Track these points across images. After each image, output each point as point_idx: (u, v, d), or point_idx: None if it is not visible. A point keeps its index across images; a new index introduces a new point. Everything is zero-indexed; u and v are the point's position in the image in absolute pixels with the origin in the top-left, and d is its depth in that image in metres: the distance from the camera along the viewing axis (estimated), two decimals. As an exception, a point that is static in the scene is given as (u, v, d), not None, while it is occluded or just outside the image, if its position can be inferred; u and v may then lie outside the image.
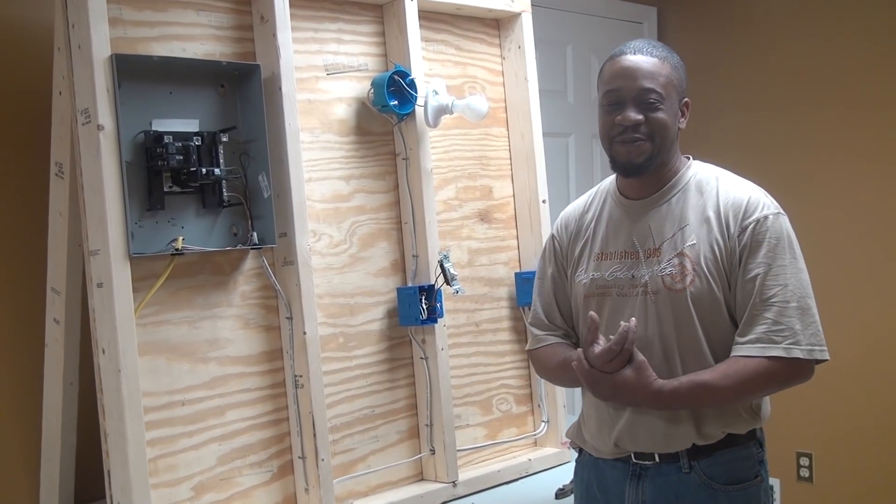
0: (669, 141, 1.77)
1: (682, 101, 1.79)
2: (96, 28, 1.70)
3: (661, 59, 1.75)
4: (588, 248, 1.88)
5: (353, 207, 2.15)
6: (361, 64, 2.19)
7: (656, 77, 1.73)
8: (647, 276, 1.76)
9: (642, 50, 1.75)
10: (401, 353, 2.22)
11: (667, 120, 1.74)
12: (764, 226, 1.70)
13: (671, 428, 1.74)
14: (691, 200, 1.77)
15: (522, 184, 2.48)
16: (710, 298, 1.71)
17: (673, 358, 1.73)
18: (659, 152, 1.75)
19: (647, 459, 1.78)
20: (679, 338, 1.72)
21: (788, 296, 1.67)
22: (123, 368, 1.70)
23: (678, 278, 1.72)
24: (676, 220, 1.76)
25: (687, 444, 1.74)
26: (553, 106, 3.40)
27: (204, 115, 1.90)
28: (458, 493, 2.19)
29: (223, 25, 1.95)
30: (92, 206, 1.73)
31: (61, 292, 1.96)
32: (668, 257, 1.74)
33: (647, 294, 1.75)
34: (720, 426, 1.73)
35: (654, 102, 1.73)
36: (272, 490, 1.97)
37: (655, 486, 1.77)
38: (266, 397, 1.97)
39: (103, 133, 1.70)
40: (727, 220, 1.73)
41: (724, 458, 1.75)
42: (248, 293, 1.96)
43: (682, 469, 1.75)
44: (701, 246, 1.72)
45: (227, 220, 1.93)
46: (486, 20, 2.46)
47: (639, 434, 1.77)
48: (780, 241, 1.70)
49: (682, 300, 1.71)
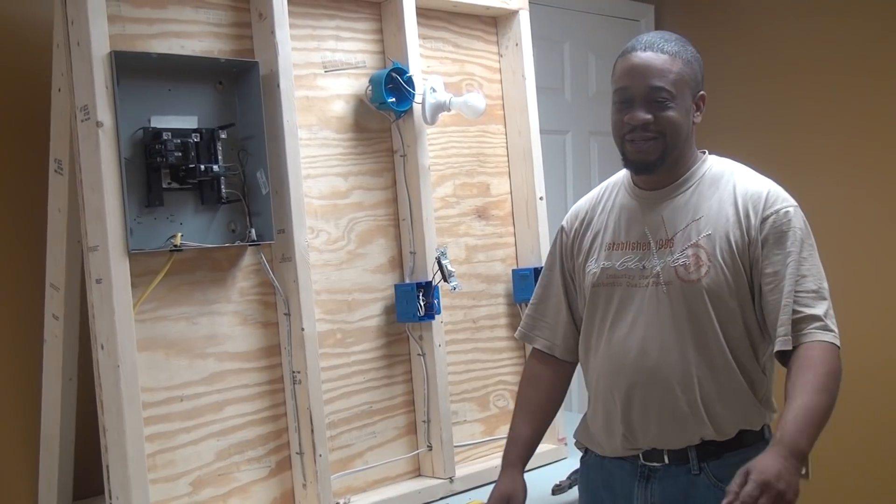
0: (682, 137, 1.75)
1: (698, 94, 1.77)
2: (95, 25, 1.70)
3: (672, 56, 1.72)
4: (600, 238, 1.87)
5: (351, 204, 2.16)
6: (359, 61, 2.20)
7: (666, 75, 1.71)
8: (658, 266, 1.75)
9: (653, 46, 1.73)
10: (398, 349, 2.22)
11: (677, 118, 1.72)
12: (787, 216, 1.70)
13: (681, 423, 1.73)
14: (706, 193, 1.76)
15: (520, 181, 2.48)
16: (726, 289, 1.71)
17: (686, 349, 1.72)
18: (671, 150, 1.74)
19: (655, 460, 1.77)
20: (692, 329, 1.72)
21: (811, 286, 1.68)
22: (122, 364, 1.70)
23: (692, 269, 1.71)
24: (690, 211, 1.76)
25: (695, 440, 1.73)
26: (550, 103, 3.40)
27: (202, 111, 1.90)
28: (455, 488, 2.20)
29: (221, 22, 1.95)
30: (91, 203, 1.74)
31: (60, 288, 1.96)
32: (681, 248, 1.74)
33: (658, 285, 1.75)
34: (732, 422, 1.73)
35: (664, 101, 1.71)
36: (270, 485, 1.98)
37: (664, 488, 1.77)
38: (264, 393, 1.98)
39: (102, 129, 1.70)
40: (746, 212, 1.72)
41: (734, 459, 1.71)
42: (246, 289, 1.96)
43: (692, 470, 1.74)
44: (717, 237, 1.72)
45: (225, 216, 1.93)
46: (483, 17, 2.47)
47: (651, 428, 1.76)
48: (802, 231, 1.71)
49: (696, 291, 1.71)
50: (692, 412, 1.72)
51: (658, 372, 1.74)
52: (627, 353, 1.77)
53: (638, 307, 1.77)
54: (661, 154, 1.73)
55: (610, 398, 1.81)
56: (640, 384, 1.76)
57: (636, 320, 1.77)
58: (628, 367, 1.77)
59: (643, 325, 1.76)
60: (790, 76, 3.57)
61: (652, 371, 1.74)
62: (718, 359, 1.72)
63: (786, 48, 3.59)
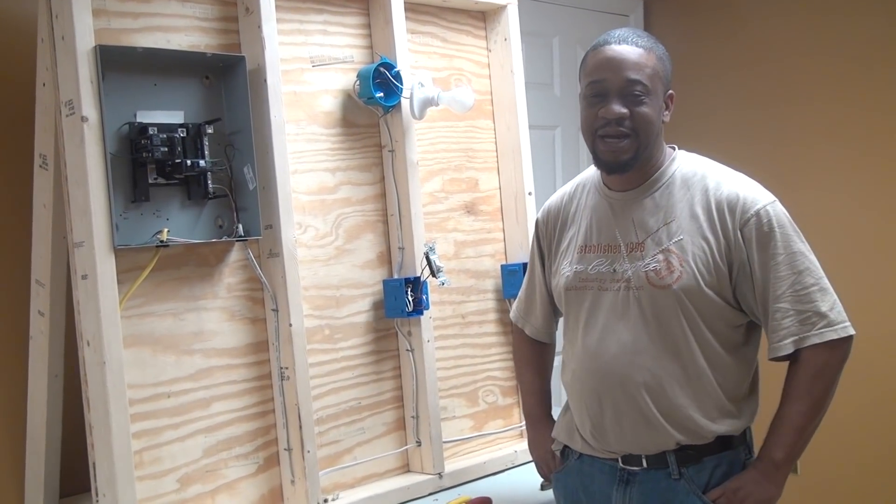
0: (654, 136, 1.72)
1: (668, 93, 1.75)
2: (80, 19, 1.69)
3: (647, 50, 1.70)
4: (574, 240, 1.86)
5: (339, 199, 2.15)
6: (347, 56, 2.19)
7: (642, 68, 1.68)
8: (630, 271, 1.73)
9: (627, 39, 1.70)
10: (387, 344, 2.22)
11: (651, 114, 1.69)
12: (767, 216, 1.68)
13: (653, 429, 1.71)
14: (677, 194, 1.74)
15: (508, 176, 2.48)
16: (700, 295, 1.68)
17: (656, 355, 1.70)
18: (643, 149, 1.71)
19: (634, 465, 1.76)
20: (662, 334, 1.70)
21: (809, 280, 1.67)
22: (108, 360, 1.69)
23: (664, 274, 1.69)
24: (661, 214, 1.73)
25: (671, 445, 1.71)
26: (539, 98, 3.40)
27: (189, 106, 1.89)
28: (443, 484, 2.20)
29: (208, 17, 1.94)
30: (76, 198, 1.72)
31: (46, 284, 1.95)
32: (652, 253, 1.72)
33: (629, 289, 1.73)
34: (709, 427, 1.70)
35: (640, 95, 1.68)
36: (258, 482, 1.98)
37: (644, 493, 1.75)
38: (252, 389, 1.97)
39: (87, 124, 1.69)
40: (722, 216, 1.69)
41: (714, 463, 1.72)
42: (233, 285, 1.95)
43: (672, 475, 1.73)
44: (689, 242, 1.69)
45: (212, 211, 1.92)
46: (472, 12, 2.46)
47: (625, 434, 1.75)
48: (785, 227, 1.69)
49: (667, 296, 1.69)
50: (664, 418, 1.70)
51: (628, 378, 1.72)
52: (598, 358, 1.75)
53: (609, 311, 1.75)
54: (635, 153, 1.71)
55: (583, 402, 1.80)
56: (611, 390, 1.74)
57: (607, 325, 1.75)
58: (598, 372, 1.75)
59: (613, 329, 1.74)
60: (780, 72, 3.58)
61: (622, 377, 1.72)
62: (690, 365, 1.70)
63: (776, 44, 3.59)
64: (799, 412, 1.68)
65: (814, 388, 1.67)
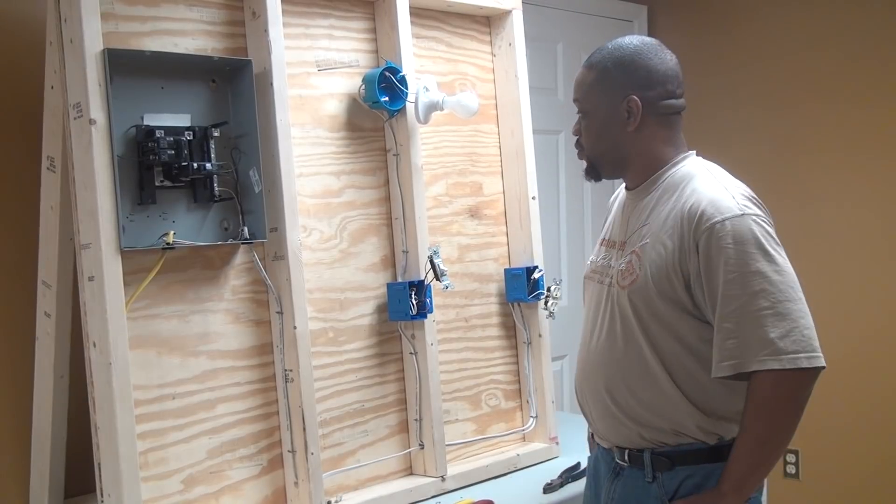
0: (609, 145, 1.78)
1: (625, 99, 1.72)
2: (88, 22, 1.70)
3: (589, 67, 1.80)
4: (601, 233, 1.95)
5: (344, 203, 2.16)
6: (352, 60, 2.20)
7: (580, 86, 1.81)
8: (615, 267, 1.78)
9: (587, 59, 1.82)
10: (390, 348, 2.23)
11: (592, 128, 1.79)
12: (721, 232, 1.58)
13: (617, 426, 1.74)
14: (664, 198, 1.72)
15: (512, 180, 2.49)
16: (649, 301, 1.66)
17: (618, 355, 1.72)
18: (597, 161, 1.81)
19: (620, 459, 1.77)
20: (625, 336, 1.71)
21: (762, 303, 1.54)
22: (114, 362, 1.70)
23: (626, 276, 1.72)
24: (644, 216, 1.74)
25: (639, 443, 1.72)
26: (543, 103, 3.41)
27: (195, 109, 1.90)
28: (446, 487, 2.21)
29: (215, 21, 1.95)
30: (83, 200, 1.74)
31: (52, 286, 1.96)
32: (627, 252, 1.75)
33: (611, 286, 1.77)
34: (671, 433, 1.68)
35: (580, 114, 1.82)
36: (262, 483, 1.98)
37: (624, 489, 1.77)
38: (256, 391, 1.98)
39: (95, 127, 1.70)
40: (684, 224, 1.63)
41: (685, 473, 1.68)
42: (238, 287, 1.96)
43: (646, 477, 1.72)
44: (651, 247, 1.68)
45: (218, 214, 1.93)
46: (476, 17, 2.47)
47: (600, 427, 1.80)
48: (743, 244, 1.57)
49: (623, 297, 1.71)
50: (625, 417, 1.72)
51: (595, 370, 1.77)
52: (583, 348, 1.84)
53: (596, 305, 1.81)
54: (590, 165, 1.82)
55: (578, 391, 1.87)
56: (586, 381, 1.81)
57: (593, 317, 1.82)
58: (581, 362, 1.84)
59: (595, 322, 1.80)
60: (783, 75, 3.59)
61: (591, 372, 1.79)
62: (648, 371, 1.68)
63: (779, 47, 3.60)
64: (743, 445, 1.59)
65: (756, 422, 1.57)
